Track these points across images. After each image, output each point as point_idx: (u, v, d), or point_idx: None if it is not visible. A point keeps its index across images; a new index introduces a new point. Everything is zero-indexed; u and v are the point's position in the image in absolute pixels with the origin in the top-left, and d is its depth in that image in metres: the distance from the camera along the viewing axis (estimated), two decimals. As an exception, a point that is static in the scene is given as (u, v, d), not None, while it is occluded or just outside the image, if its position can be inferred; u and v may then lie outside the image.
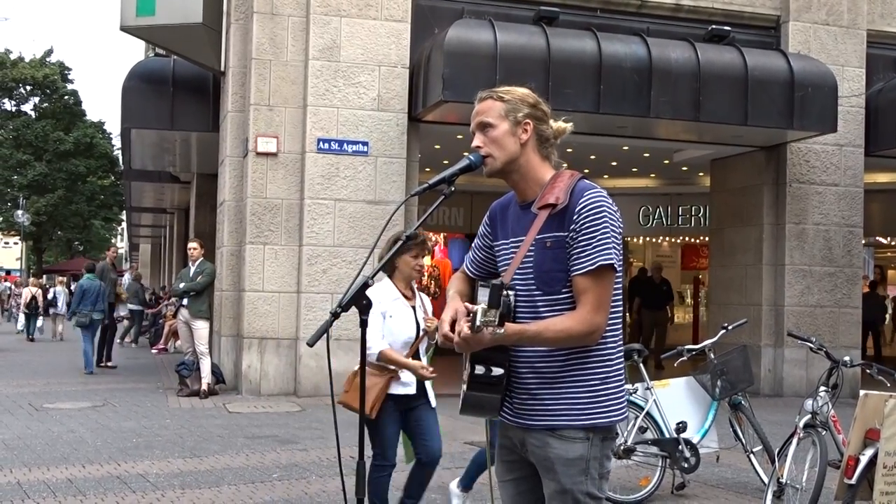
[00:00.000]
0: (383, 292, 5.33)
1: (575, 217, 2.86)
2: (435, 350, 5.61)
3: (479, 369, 2.89)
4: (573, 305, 2.88)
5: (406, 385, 5.35)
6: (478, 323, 2.63)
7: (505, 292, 2.64)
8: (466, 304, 2.78)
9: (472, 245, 3.31)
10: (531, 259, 2.94)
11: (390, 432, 5.36)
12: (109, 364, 16.87)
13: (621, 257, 2.92)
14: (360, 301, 2.99)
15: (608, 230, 2.86)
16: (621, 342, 3.01)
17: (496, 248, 3.15)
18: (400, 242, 3.29)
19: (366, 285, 2.97)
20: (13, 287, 40.18)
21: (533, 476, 3.05)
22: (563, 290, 2.89)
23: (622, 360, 3.01)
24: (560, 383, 2.91)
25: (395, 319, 5.30)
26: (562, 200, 2.88)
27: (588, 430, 2.91)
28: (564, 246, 2.88)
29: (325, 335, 2.93)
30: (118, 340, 23.20)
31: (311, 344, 2.97)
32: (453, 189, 3.09)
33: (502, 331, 2.65)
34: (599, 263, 2.83)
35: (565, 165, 3.09)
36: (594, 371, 2.92)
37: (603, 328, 2.88)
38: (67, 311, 21.32)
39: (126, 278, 27.34)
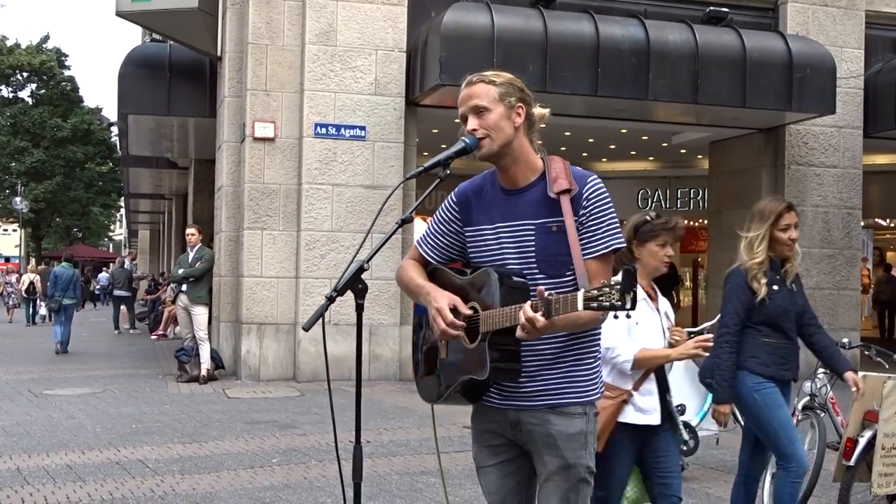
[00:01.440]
0: None
1: (584, 202, 2.92)
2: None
3: (496, 355, 2.86)
4: (575, 288, 2.86)
5: (647, 413, 4.10)
6: (580, 306, 2.56)
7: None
8: (540, 288, 2.71)
9: (430, 230, 3.22)
10: (532, 243, 2.95)
11: (620, 472, 4.08)
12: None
13: None
14: (355, 285, 2.99)
15: (614, 214, 2.96)
16: None
17: (470, 234, 3.11)
18: (397, 226, 3.21)
19: (361, 269, 2.96)
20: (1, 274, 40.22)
21: (519, 458, 3.09)
22: (567, 273, 2.93)
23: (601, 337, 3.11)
24: (560, 363, 2.97)
25: (640, 326, 4.11)
26: (574, 187, 2.93)
27: (585, 406, 3.00)
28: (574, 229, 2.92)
29: (321, 320, 2.93)
30: (124, 328, 23.25)
31: (306, 328, 2.97)
32: (448, 172, 3.08)
33: (633, 312, 2.60)
34: (614, 246, 2.94)
35: (545, 151, 3.09)
36: (590, 350, 3.03)
37: None
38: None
39: (120, 265, 27.31)
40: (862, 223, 15.14)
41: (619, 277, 2.53)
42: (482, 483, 3.20)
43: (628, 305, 2.51)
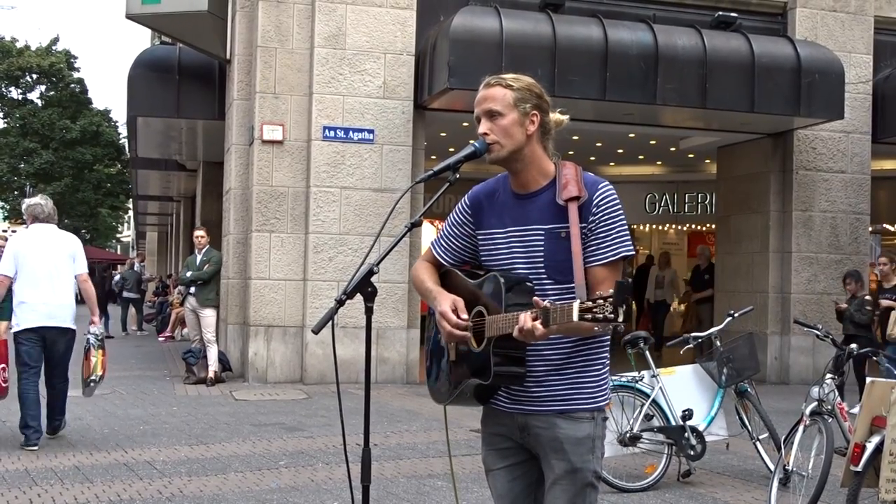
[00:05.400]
0: None
1: (593, 209, 2.92)
2: None
3: (500, 360, 2.88)
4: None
5: None
6: (575, 317, 2.57)
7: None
8: (536, 299, 2.73)
9: (444, 232, 3.25)
10: (541, 249, 2.96)
11: None
12: None
13: None
14: (365, 288, 2.99)
15: (624, 222, 2.95)
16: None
17: (482, 237, 3.12)
18: (406, 230, 3.24)
19: (370, 273, 2.97)
20: None
21: (527, 461, 3.10)
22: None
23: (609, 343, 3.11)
24: (567, 369, 2.97)
25: None
26: (584, 194, 2.93)
27: (593, 411, 3.00)
28: (580, 237, 2.91)
29: (331, 322, 2.94)
30: (132, 329, 23.30)
31: (315, 331, 2.97)
32: (458, 176, 3.10)
33: (623, 326, 2.64)
34: (622, 254, 2.92)
35: (559, 156, 3.09)
36: (598, 356, 3.02)
37: None
38: None
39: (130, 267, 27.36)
40: (870, 228, 15.11)
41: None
42: (491, 486, 3.20)
43: (620, 318, 2.55)
